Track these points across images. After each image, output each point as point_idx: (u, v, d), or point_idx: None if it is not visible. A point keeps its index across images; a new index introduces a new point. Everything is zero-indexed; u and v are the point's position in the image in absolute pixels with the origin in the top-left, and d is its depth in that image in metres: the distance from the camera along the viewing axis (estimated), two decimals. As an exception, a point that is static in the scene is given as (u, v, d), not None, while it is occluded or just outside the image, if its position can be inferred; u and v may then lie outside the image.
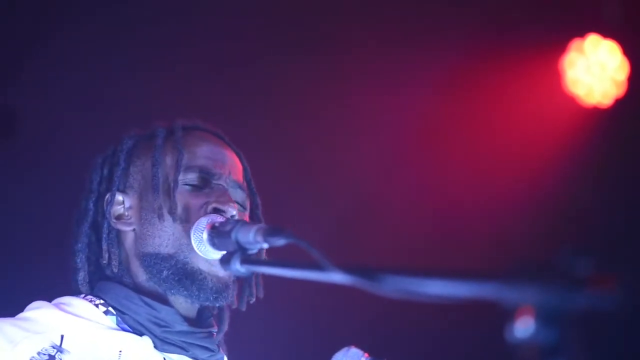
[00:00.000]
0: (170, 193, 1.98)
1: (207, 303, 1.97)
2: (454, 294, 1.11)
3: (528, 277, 0.99)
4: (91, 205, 2.07)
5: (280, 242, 1.62)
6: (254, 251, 1.68)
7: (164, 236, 1.96)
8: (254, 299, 2.14)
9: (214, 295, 1.95)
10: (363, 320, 3.77)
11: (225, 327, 2.11)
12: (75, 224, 2.10)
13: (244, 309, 2.12)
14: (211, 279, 1.94)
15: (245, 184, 2.10)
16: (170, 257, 1.95)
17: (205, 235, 1.86)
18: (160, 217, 1.97)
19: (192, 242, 1.89)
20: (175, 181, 1.99)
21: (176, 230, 1.95)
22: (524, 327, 0.99)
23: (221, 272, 1.93)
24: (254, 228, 1.66)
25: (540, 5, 4.25)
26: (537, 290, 0.99)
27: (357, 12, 3.98)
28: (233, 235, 1.70)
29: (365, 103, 4.01)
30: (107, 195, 2.05)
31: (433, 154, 4.18)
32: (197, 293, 1.94)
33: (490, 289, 1.06)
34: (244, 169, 2.13)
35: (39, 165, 3.26)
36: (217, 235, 1.82)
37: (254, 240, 1.65)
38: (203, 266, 1.93)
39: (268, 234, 1.64)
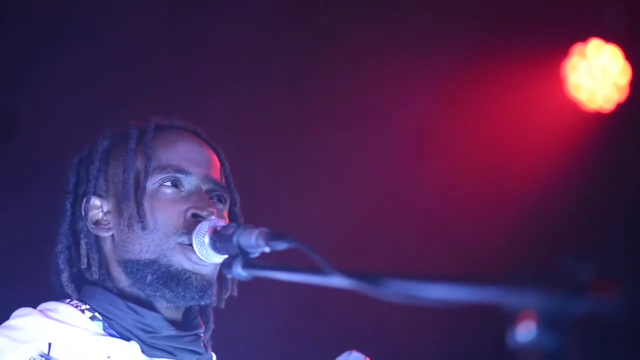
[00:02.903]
0: (139, 201, 1.96)
1: (193, 302, 1.96)
2: (456, 299, 1.12)
3: (530, 282, 1.00)
4: (68, 206, 2.05)
5: (282, 246, 1.62)
6: (256, 255, 1.69)
7: (144, 243, 1.95)
8: (229, 294, 2.11)
9: (199, 294, 1.94)
10: (364, 324, 3.76)
11: (212, 326, 2.09)
12: (56, 225, 2.08)
13: (222, 306, 2.10)
14: (195, 278, 1.93)
15: (223, 180, 2.08)
16: (152, 262, 1.94)
17: (207, 239, 1.85)
18: (131, 225, 1.96)
19: (194, 245, 1.89)
20: (144, 188, 1.97)
21: (156, 237, 1.95)
22: (525, 331, 1.00)
23: (205, 270, 1.93)
24: (256, 232, 1.66)
25: (542, 10, 4.25)
26: (539, 295, 0.99)
27: (358, 15, 3.98)
28: (235, 239, 1.70)
29: (365, 107, 4.01)
30: (85, 199, 2.03)
31: (434, 158, 4.17)
32: (182, 293, 1.93)
33: (492, 293, 1.06)
34: (222, 166, 2.10)
35: (40, 167, 3.26)
36: (218, 239, 1.82)
37: (256, 244, 1.65)
38: (187, 265, 1.93)
39: (270, 237, 1.64)
